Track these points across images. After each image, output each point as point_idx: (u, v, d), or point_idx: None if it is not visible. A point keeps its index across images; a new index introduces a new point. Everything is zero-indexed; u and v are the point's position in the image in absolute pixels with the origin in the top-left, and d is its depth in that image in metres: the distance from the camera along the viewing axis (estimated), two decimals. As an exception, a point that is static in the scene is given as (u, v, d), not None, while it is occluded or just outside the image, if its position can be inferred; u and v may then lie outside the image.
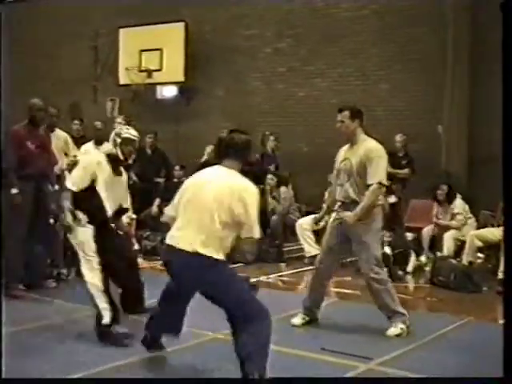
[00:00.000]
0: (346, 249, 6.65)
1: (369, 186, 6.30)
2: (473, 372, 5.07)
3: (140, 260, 9.57)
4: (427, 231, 10.17)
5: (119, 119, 12.14)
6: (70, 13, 15.43)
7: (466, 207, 10.05)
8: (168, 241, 4.94)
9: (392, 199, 10.61)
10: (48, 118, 9.60)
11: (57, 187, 8.13)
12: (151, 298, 7.54)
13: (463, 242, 9.41)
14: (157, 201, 11.40)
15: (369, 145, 6.46)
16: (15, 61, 15.98)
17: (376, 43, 12.26)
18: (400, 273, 9.26)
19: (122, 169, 6.45)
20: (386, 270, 6.75)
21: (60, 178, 9.26)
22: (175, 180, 11.67)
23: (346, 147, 6.65)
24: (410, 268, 9.64)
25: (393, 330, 6.35)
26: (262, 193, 11.01)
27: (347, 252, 6.88)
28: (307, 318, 6.74)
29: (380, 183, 6.31)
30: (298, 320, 6.72)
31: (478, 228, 9.71)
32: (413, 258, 9.78)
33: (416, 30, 11.75)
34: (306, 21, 12.96)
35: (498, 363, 3.93)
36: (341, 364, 5.42)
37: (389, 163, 10.70)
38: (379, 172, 6.34)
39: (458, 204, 9.99)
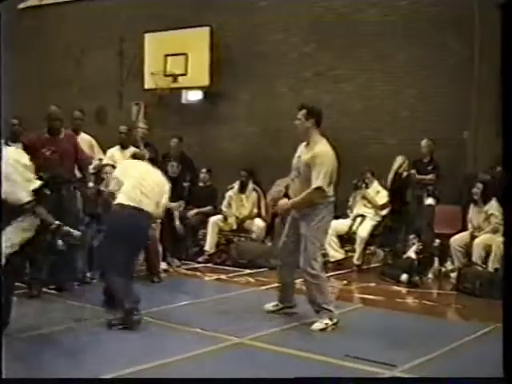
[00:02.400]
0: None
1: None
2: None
3: (165, 264, 9.65)
4: (457, 239, 9.70)
5: (141, 124, 12.20)
6: (96, 18, 15.52)
7: (501, 211, 9.35)
8: None
9: (429, 201, 10.54)
10: (73, 122, 9.69)
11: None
12: (173, 302, 7.63)
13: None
14: (182, 204, 11.40)
15: (317, 149, 6.75)
16: (42, 66, 16.16)
17: (403, 48, 12.17)
18: (417, 279, 9.18)
19: None
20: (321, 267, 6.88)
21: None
22: (200, 184, 11.68)
23: (303, 145, 6.96)
24: (430, 274, 9.58)
25: (317, 325, 6.61)
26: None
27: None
28: (280, 305, 7.18)
29: (318, 188, 6.61)
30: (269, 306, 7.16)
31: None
32: (435, 264, 9.71)
33: (443, 35, 11.64)
34: (333, 26, 12.91)
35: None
36: (364, 371, 5.38)
37: (414, 168, 10.91)
38: (319, 178, 6.60)
39: (494, 205, 9.50)
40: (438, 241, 10.05)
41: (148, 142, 11.56)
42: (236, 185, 11.17)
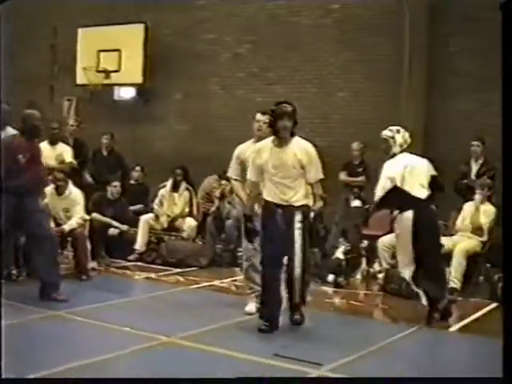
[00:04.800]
0: None
1: None
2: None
3: (94, 263, 9.55)
4: (384, 241, 9.44)
5: (71, 121, 12.08)
6: (30, 11, 15.25)
7: None
8: None
9: (356, 203, 10.68)
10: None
11: None
12: (102, 301, 7.55)
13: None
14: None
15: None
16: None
17: (334, 51, 12.31)
18: (340, 279, 9.29)
19: None
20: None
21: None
22: (131, 182, 11.62)
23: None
24: (358, 275, 9.71)
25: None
26: (222, 197, 11.04)
27: None
28: None
29: None
30: None
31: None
32: (363, 265, 9.84)
33: (374, 39, 11.83)
34: (266, 27, 12.98)
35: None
36: (292, 370, 5.42)
37: (345, 171, 11.04)
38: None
39: None
40: (366, 242, 10.18)
41: (77, 138, 11.46)
42: (168, 183, 11.13)
